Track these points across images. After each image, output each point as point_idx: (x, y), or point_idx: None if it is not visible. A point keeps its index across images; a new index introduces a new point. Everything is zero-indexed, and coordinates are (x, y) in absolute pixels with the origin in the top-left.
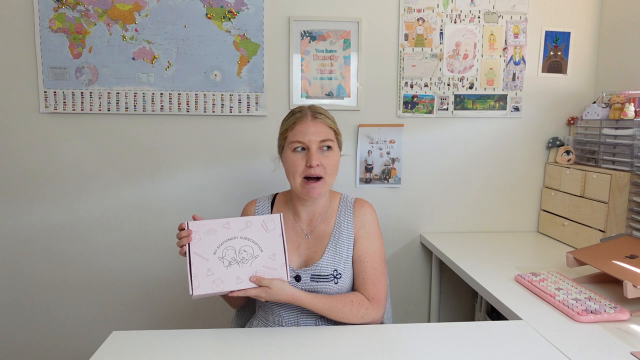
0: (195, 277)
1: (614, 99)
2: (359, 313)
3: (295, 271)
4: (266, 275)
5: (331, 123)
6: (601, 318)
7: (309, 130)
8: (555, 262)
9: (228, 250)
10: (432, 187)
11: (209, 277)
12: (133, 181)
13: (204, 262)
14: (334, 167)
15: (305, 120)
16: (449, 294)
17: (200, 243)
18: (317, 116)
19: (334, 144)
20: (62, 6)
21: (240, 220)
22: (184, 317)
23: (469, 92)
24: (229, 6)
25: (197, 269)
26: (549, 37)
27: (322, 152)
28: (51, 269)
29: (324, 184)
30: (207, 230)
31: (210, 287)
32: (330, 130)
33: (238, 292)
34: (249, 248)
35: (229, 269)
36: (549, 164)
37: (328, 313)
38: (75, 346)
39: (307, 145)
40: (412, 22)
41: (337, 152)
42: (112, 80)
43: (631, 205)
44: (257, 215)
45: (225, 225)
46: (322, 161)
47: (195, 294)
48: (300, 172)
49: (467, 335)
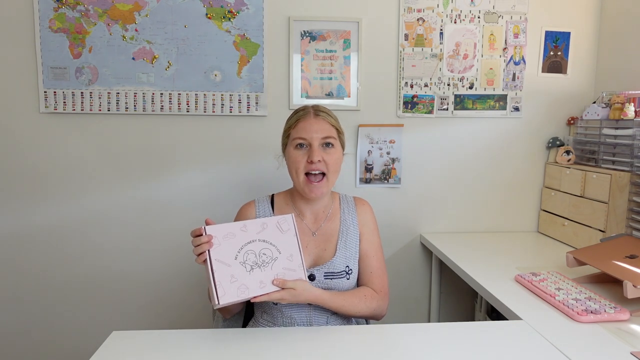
0: (220, 285)
1: (614, 99)
2: (371, 306)
3: (309, 270)
4: (286, 277)
5: (334, 121)
6: (601, 318)
7: (312, 127)
8: (555, 262)
9: (249, 254)
10: (432, 187)
11: (233, 283)
12: (133, 181)
13: (227, 268)
14: (335, 165)
15: (307, 117)
16: (449, 294)
17: (220, 248)
18: (320, 114)
19: (336, 141)
20: (62, 6)
21: (256, 223)
22: (184, 317)
23: (469, 92)
24: (229, 6)
25: (221, 276)
26: (549, 37)
27: (324, 149)
28: (51, 269)
29: (327, 182)
30: (226, 235)
31: (235, 294)
32: (332, 128)
33: (261, 297)
34: (267, 251)
35: (252, 273)
36: (549, 164)
37: (346, 309)
38: (75, 346)
39: (309, 142)
40: (412, 22)
41: (339, 150)
42: (112, 80)
43: (631, 205)
44: (270, 217)
45: (243, 229)
46: (324, 157)
47: (221, 302)
48: (302, 168)
49: (467, 335)
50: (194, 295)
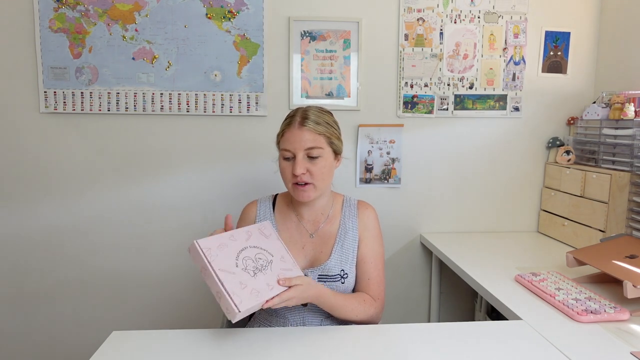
0: (234, 293)
1: (614, 99)
2: (368, 312)
3: (304, 271)
4: None
5: (322, 129)
6: (601, 318)
7: (295, 138)
8: (555, 262)
9: (246, 260)
10: (432, 187)
11: (244, 289)
12: (133, 181)
13: (233, 276)
14: (321, 174)
15: (292, 128)
16: (449, 294)
17: (219, 259)
18: (305, 123)
19: (322, 151)
20: (62, 6)
21: (241, 232)
22: (184, 317)
23: (469, 92)
24: (229, 6)
25: (231, 284)
26: (549, 37)
27: (309, 160)
28: (51, 269)
29: (314, 188)
30: (219, 245)
31: (250, 299)
32: (319, 137)
33: (273, 299)
34: (261, 255)
35: (256, 278)
36: (549, 164)
37: (345, 310)
38: (75, 346)
39: (293, 154)
40: (412, 22)
41: (328, 158)
42: (112, 80)
43: (631, 205)
44: (250, 225)
45: (231, 238)
46: (310, 168)
47: (241, 310)
48: (289, 179)
49: (467, 335)
50: (194, 296)
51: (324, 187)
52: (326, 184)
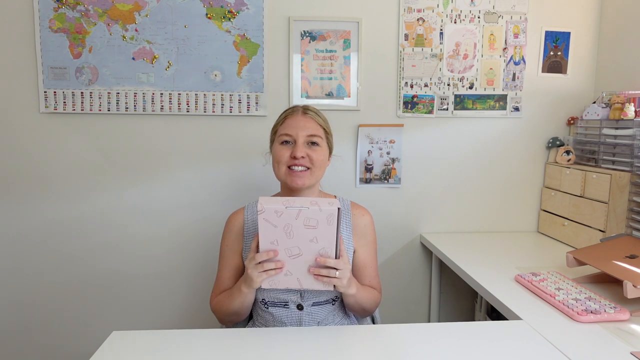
0: None
1: (614, 99)
2: (377, 300)
3: None
4: None
5: (322, 122)
6: (601, 318)
7: (298, 124)
8: (555, 262)
9: None
10: (432, 187)
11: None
12: (133, 181)
13: None
14: (320, 162)
15: (295, 115)
16: (449, 294)
17: None
18: (308, 112)
19: (322, 141)
20: (62, 6)
21: None
22: (184, 317)
23: (469, 92)
24: (229, 6)
25: None
26: (549, 37)
27: (309, 147)
28: (51, 269)
29: (310, 174)
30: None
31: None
32: (319, 128)
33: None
34: None
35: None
36: (549, 164)
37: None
38: (75, 346)
39: (294, 139)
40: (412, 22)
41: (325, 150)
42: (112, 80)
43: (631, 205)
44: None
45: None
46: (309, 154)
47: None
48: (285, 160)
49: (467, 335)
50: (194, 296)
51: (318, 176)
52: (321, 174)
